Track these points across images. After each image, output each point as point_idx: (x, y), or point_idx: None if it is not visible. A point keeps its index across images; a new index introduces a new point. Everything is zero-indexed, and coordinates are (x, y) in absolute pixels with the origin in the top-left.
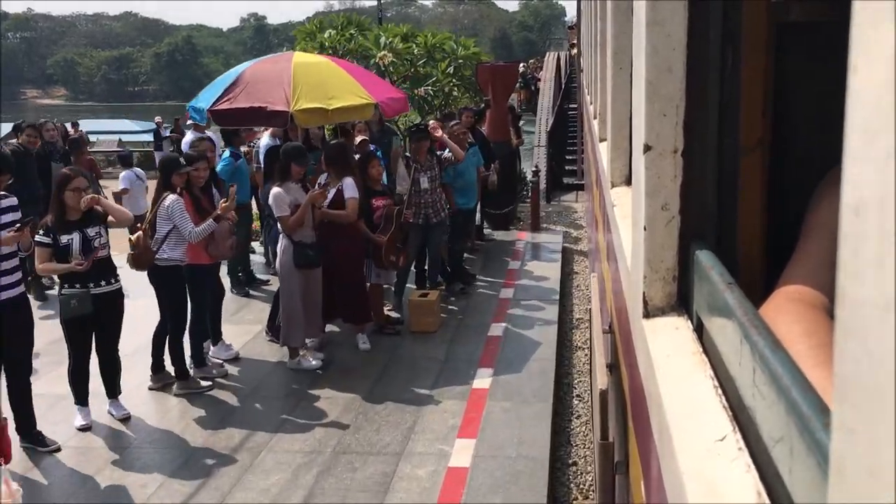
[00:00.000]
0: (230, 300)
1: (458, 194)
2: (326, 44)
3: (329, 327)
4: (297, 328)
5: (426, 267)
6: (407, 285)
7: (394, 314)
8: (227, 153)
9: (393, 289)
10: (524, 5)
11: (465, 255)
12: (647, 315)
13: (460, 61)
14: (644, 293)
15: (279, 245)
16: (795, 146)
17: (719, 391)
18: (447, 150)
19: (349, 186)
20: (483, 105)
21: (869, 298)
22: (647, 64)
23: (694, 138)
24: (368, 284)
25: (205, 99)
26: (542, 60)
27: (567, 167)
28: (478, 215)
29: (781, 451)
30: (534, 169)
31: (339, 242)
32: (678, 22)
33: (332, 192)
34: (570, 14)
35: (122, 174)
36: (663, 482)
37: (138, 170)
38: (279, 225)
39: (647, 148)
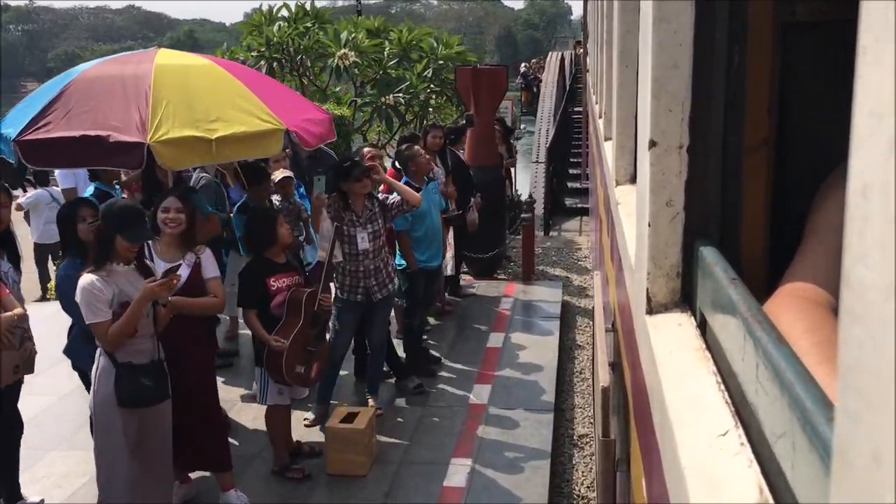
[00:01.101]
0: None
1: (418, 248)
2: (274, 39)
3: (198, 472)
4: (124, 500)
5: (368, 352)
6: (341, 373)
7: (311, 437)
8: (91, 189)
9: (318, 390)
10: (530, 3)
11: (433, 320)
12: (650, 311)
13: (441, 62)
14: (647, 290)
15: (94, 367)
16: (799, 145)
17: (722, 387)
18: (394, 192)
19: (209, 261)
20: (464, 121)
21: (873, 283)
22: (654, 61)
23: (699, 135)
24: (266, 406)
25: (13, 122)
26: (546, 60)
27: (570, 183)
28: (451, 264)
29: (784, 447)
30: (528, 199)
31: (180, 345)
32: (685, 19)
33: (185, 273)
34: (577, 13)
35: (31, 193)
36: (665, 478)
37: (56, 189)
38: (96, 337)
39: (652, 144)
